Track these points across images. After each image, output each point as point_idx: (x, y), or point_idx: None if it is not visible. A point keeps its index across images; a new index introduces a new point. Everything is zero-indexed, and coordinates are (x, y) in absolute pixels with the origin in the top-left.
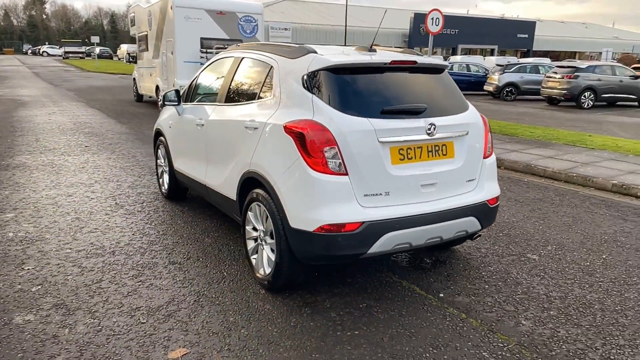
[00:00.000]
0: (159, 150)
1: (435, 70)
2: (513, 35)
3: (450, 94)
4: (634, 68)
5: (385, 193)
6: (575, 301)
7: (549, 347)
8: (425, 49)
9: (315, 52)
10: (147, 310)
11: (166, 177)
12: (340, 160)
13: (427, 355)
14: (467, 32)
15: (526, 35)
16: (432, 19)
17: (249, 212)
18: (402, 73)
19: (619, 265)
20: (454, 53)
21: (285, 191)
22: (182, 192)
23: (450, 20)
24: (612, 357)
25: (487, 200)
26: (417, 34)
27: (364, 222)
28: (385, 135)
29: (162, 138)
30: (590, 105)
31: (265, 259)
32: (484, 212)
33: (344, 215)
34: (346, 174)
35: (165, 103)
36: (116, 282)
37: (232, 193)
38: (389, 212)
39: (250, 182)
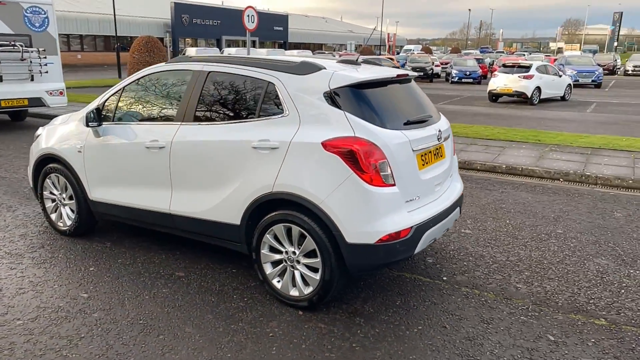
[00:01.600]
0: (50, 181)
1: (409, 80)
2: (270, 28)
3: (428, 101)
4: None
5: (417, 197)
6: (529, 259)
7: (553, 299)
8: (188, 39)
9: (325, 68)
10: None
11: (66, 211)
12: (390, 172)
13: (479, 330)
14: (229, 23)
15: (281, 28)
16: (248, 16)
17: (267, 235)
18: (400, 85)
19: (526, 227)
20: (218, 44)
21: (337, 209)
22: (92, 226)
23: (213, 12)
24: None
25: (462, 191)
26: (180, 24)
27: (412, 227)
28: (415, 144)
29: (58, 166)
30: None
31: (298, 279)
32: (461, 201)
33: (399, 224)
34: (394, 184)
35: (89, 124)
36: None
37: (231, 218)
38: (424, 214)
39: (270, 205)
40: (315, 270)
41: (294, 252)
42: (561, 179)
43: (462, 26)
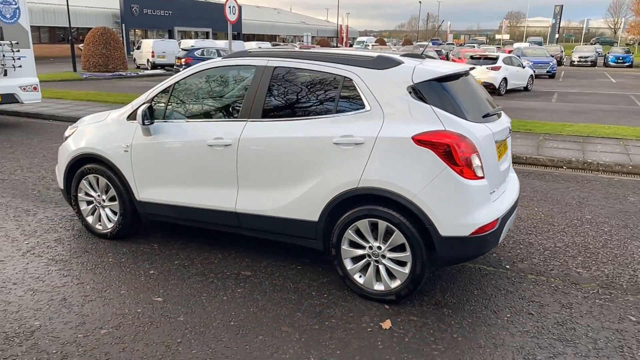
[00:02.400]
0: (86, 182)
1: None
2: (223, 19)
3: (487, 93)
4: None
5: (497, 188)
6: (575, 245)
7: (616, 282)
8: (138, 30)
9: (404, 62)
10: None
11: (106, 213)
12: (480, 165)
13: (565, 315)
14: (181, 14)
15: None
16: (230, 7)
17: (349, 231)
18: (465, 78)
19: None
20: (171, 35)
21: (430, 202)
22: (135, 228)
23: (164, 2)
24: None
25: None
26: (130, 15)
27: (498, 218)
28: (496, 137)
29: (98, 166)
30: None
31: (383, 274)
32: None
33: (489, 215)
34: (484, 176)
35: (145, 123)
36: None
37: (308, 215)
38: (504, 204)
39: (352, 201)
40: (402, 264)
41: (379, 247)
42: (564, 167)
43: (410, 18)
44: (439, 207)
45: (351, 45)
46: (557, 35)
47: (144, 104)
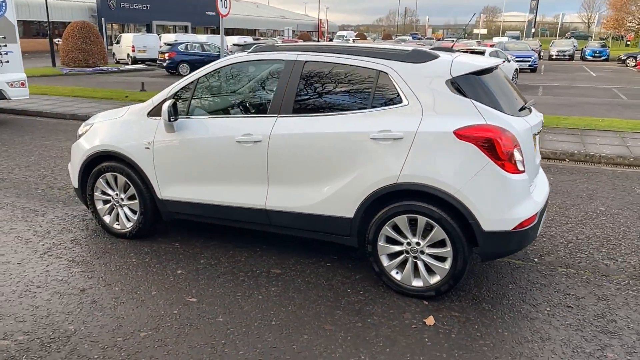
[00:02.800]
0: (103, 180)
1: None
2: (202, 13)
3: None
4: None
5: (532, 181)
6: (596, 237)
7: None
8: (115, 25)
9: (440, 56)
10: None
11: (124, 212)
12: (522, 159)
13: (603, 307)
14: (159, 8)
15: (214, 13)
16: (222, 1)
17: (386, 226)
18: (496, 72)
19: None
20: (149, 30)
21: (474, 197)
22: (154, 227)
23: None
24: None
25: None
26: (106, 8)
27: (537, 212)
28: (533, 130)
29: (116, 164)
30: None
31: (422, 270)
32: None
33: (530, 209)
34: (524, 170)
35: (171, 119)
36: None
37: (343, 211)
38: (540, 198)
39: (390, 196)
40: (441, 259)
41: (417, 243)
42: (567, 159)
43: (389, 13)
44: (482, 202)
45: (331, 40)
46: (533, 30)
47: (167, 99)
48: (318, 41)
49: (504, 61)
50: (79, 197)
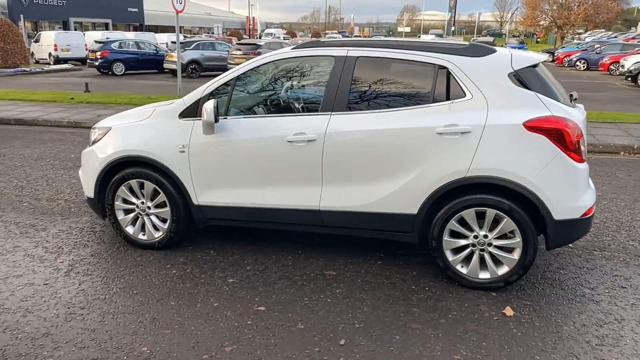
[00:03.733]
0: (125, 188)
1: None
2: (124, 9)
3: None
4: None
5: None
6: (610, 220)
7: None
8: (28, 22)
9: (497, 50)
10: None
11: (151, 221)
12: (584, 149)
13: None
14: (77, 4)
15: (136, 9)
16: None
17: (452, 221)
18: (542, 65)
19: None
20: (66, 27)
21: (545, 187)
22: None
23: None
24: None
25: None
26: (18, 4)
27: (595, 200)
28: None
29: (144, 170)
30: None
31: (489, 262)
32: None
33: (592, 197)
34: (585, 159)
35: (218, 120)
36: None
37: (406, 208)
38: (591, 187)
39: (458, 190)
40: (509, 250)
41: (485, 236)
42: None
43: (313, 10)
44: (553, 191)
45: (260, 37)
46: (453, 28)
47: (201, 99)
48: (249, 38)
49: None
50: (94, 208)
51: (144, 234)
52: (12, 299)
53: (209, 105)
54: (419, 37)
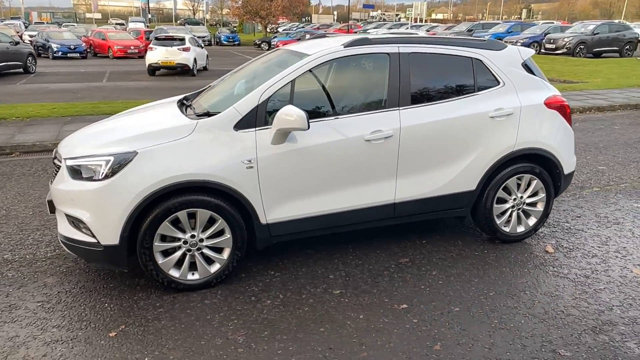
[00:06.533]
0: (167, 223)
1: None
2: None
3: None
4: None
5: None
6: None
7: None
8: None
9: (508, 45)
10: None
11: (204, 255)
12: None
13: None
14: None
15: None
16: None
17: (500, 189)
18: None
19: None
20: None
21: (562, 151)
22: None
23: None
24: None
25: None
26: None
27: None
28: None
29: (199, 197)
30: None
31: (523, 219)
32: None
33: None
34: None
35: (309, 126)
36: None
37: (467, 185)
38: None
39: (506, 164)
40: (534, 204)
41: (521, 197)
42: None
43: None
44: (564, 153)
45: None
46: (149, 15)
47: (263, 105)
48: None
49: (202, 47)
50: (116, 257)
51: (193, 273)
52: None
53: (295, 112)
54: (111, 23)
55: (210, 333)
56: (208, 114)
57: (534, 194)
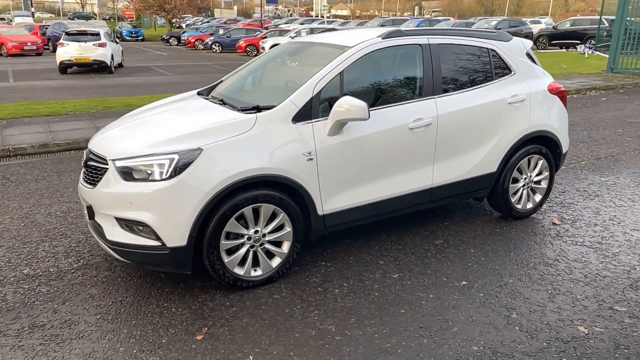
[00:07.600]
0: (235, 220)
1: None
2: None
3: None
4: None
5: None
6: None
7: None
8: None
9: (513, 37)
10: None
11: (266, 250)
12: None
13: None
14: None
15: None
16: None
17: (515, 170)
18: None
19: None
20: None
21: (561, 132)
22: None
23: None
24: None
25: None
26: None
27: None
28: None
29: (266, 192)
30: None
31: (531, 195)
32: None
33: None
34: None
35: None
36: None
37: (490, 167)
38: None
39: (520, 146)
40: (539, 182)
41: (530, 176)
42: None
43: None
44: (563, 134)
45: None
46: (33, 9)
47: (317, 97)
48: None
49: (117, 42)
50: (183, 259)
51: (256, 269)
52: None
53: (356, 102)
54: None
55: (298, 326)
56: (258, 108)
57: (540, 173)
